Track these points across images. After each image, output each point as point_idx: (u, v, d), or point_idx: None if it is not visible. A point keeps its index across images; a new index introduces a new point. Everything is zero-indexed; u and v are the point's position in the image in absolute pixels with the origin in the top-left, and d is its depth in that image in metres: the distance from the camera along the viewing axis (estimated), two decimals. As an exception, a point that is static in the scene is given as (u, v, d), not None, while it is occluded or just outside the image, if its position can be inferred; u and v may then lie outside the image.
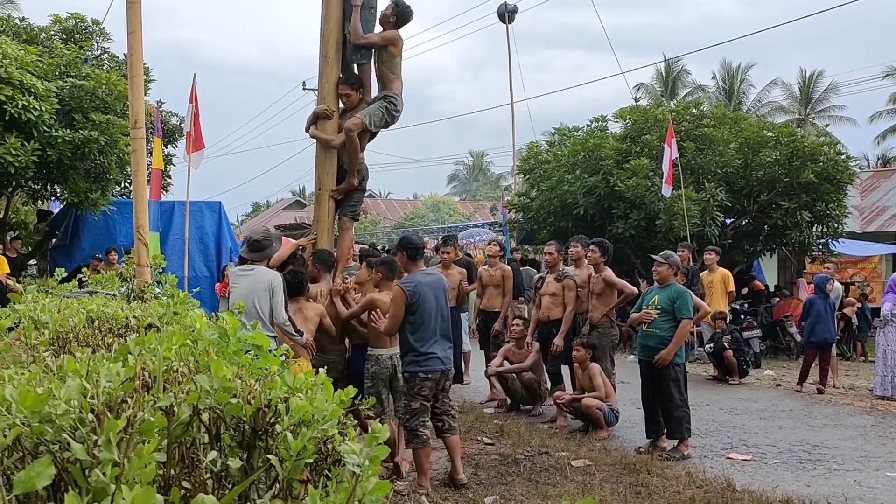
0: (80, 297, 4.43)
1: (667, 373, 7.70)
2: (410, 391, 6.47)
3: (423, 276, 6.63)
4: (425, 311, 6.42)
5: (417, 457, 6.43)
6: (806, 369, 11.96)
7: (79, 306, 3.48)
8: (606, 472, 6.94)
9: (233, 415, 1.69)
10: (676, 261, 8.17)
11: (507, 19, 25.06)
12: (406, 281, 6.54)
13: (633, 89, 43.08)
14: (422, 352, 6.42)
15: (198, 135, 13.81)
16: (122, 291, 5.52)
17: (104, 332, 3.01)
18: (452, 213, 51.81)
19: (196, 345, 2.22)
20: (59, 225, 16.37)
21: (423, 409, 6.44)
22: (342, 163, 7.26)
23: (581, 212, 17.71)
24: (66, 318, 2.94)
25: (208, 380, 1.69)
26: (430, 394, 6.49)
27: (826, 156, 17.12)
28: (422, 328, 6.42)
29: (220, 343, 2.35)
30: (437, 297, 6.55)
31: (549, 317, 9.28)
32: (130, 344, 2.25)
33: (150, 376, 1.91)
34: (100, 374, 1.62)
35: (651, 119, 18.35)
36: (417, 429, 6.37)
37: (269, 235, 7.05)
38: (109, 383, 1.62)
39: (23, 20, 17.12)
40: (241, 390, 1.71)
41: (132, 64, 6.06)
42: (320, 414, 1.69)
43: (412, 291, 6.38)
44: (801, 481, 6.84)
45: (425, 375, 6.43)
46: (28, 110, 12.16)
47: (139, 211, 6.04)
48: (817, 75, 44.19)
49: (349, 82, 7.26)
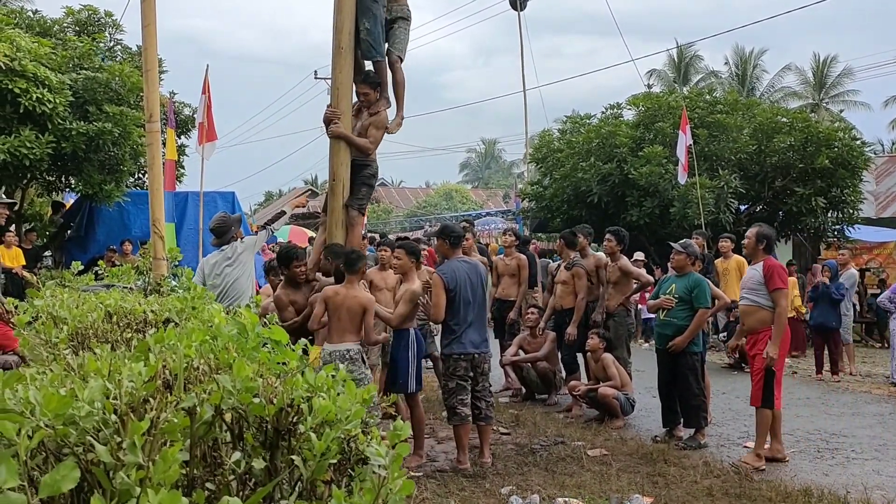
0: (97, 291, 4.44)
1: (684, 361, 7.66)
2: (446, 371, 6.91)
3: (461, 263, 6.97)
4: (462, 296, 6.78)
5: (458, 434, 6.81)
6: (817, 356, 11.97)
7: (97, 301, 3.48)
8: (623, 461, 6.93)
9: (256, 414, 1.68)
10: (695, 250, 8.09)
11: (518, 6, 24.95)
12: (443, 268, 6.92)
13: (646, 76, 42.87)
14: (457, 334, 6.79)
15: (210, 126, 13.82)
16: (138, 285, 5.53)
17: (122, 327, 3.01)
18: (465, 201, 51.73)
19: (216, 341, 2.21)
20: (74, 216, 16.44)
21: (461, 388, 6.79)
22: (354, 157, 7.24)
23: (595, 200, 17.66)
24: (84, 314, 2.94)
25: (230, 379, 1.67)
26: (466, 374, 6.82)
27: (841, 141, 16.98)
28: (458, 312, 6.77)
29: (240, 339, 2.34)
30: (474, 284, 6.90)
31: (562, 305, 9.30)
32: (150, 340, 2.25)
33: (171, 374, 1.90)
34: (122, 374, 1.61)
35: (665, 106, 18.26)
36: (456, 406, 6.76)
37: (226, 220, 7.71)
38: (132, 383, 1.61)
39: (36, 13, 17.18)
40: (263, 389, 1.70)
41: (147, 58, 6.02)
42: (343, 414, 1.68)
43: (450, 278, 6.74)
44: (819, 470, 6.80)
45: (459, 356, 6.80)
46: (42, 103, 12.19)
47: (155, 204, 6.04)
48: (831, 60, 43.80)
49: (368, 81, 7.22)
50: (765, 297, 6.94)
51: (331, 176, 7.22)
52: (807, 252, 21.22)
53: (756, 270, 7.09)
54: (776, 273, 6.92)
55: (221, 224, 7.60)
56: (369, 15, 7.05)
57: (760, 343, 6.95)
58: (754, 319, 7.07)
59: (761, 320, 6.98)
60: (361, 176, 7.17)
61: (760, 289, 6.97)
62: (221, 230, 7.53)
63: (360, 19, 7.06)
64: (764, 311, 6.98)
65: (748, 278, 7.24)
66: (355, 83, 7.26)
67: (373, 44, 7.12)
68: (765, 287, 6.93)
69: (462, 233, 7.37)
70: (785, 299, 6.99)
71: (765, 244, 7.17)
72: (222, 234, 7.50)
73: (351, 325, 6.38)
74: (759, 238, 7.17)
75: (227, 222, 7.64)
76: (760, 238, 7.17)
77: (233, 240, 7.52)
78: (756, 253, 7.23)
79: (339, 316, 6.36)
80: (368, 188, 7.32)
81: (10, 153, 12.00)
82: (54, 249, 16.65)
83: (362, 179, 7.18)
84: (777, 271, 6.95)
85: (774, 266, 7.01)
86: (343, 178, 7.07)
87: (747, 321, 7.19)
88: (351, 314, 6.37)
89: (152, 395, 1.63)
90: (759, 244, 7.18)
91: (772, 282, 6.89)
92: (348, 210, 7.09)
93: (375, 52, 7.19)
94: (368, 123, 7.20)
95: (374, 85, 7.20)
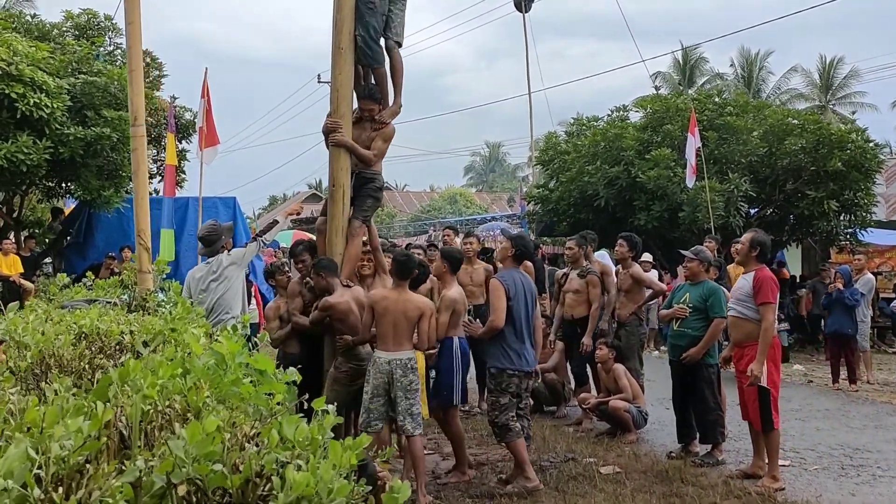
0: (78, 307, 4.15)
1: (699, 374, 7.33)
2: (497, 386, 6.43)
3: (518, 274, 6.65)
4: (518, 309, 6.42)
5: (515, 450, 6.36)
6: (833, 364, 11.68)
7: (71, 320, 3.19)
8: (637, 480, 6.61)
9: (217, 486, 1.38)
10: (707, 256, 7.76)
11: (523, 8, 24.70)
12: (503, 275, 6.58)
13: (651, 78, 42.55)
14: (513, 348, 6.39)
15: (210, 130, 13.54)
16: (123, 299, 5.23)
17: (94, 352, 2.71)
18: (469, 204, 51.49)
19: (187, 377, 1.92)
20: (73, 223, 16.20)
21: (512, 404, 6.42)
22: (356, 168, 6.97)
23: (602, 203, 17.38)
24: (49, 339, 2.64)
25: (184, 442, 1.36)
26: (518, 390, 6.45)
27: (854, 143, 16.65)
28: (514, 325, 6.39)
29: (217, 372, 2.04)
30: (527, 300, 6.55)
31: (573, 315, 8.91)
32: (113, 375, 1.95)
33: (127, 422, 1.60)
34: (55, 435, 1.31)
35: (672, 108, 17.96)
36: (508, 423, 6.35)
37: (216, 228, 7.36)
38: (69, 441, 1.31)
39: (34, 17, 16.95)
40: (230, 448, 1.40)
41: (131, 57, 5.74)
42: (324, 489, 1.36)
43: (510, 286, 6.40)
44: (846, 489, 6.46)
45: (513, 371, 6.40)
46: (40, 107, 11.96)
47: (140, 213, 5.75)
48: (837, 61, 43.36)
49: (371, 97, 6.95)
50: (753, 309, 6.57)
51: (331, 182, 6.94)
52: (816, 256, 20.88)
53: (746, 281, 6.71)
54: (766, 285, 6.52)
55: (211, 232, 7.27)
56: (363, 22, 6.79)
57: (747, 358, 6.59)
58: (741, 332, 6.74)
59: (747, 333, 6.63)
60: (368, 188, 6.90)
61: (749, 301, 6.60)
62: (211, 238, 7.19)
63: (356, 25, 6.80)
64: (751, 323, 6.61)
65: (737, 288, 6.88)
66: (358, 97, 7.00)
67: (368, 51, 6.84)
68: (753, 299, 6.60)
69: (533, 250, 7.13)
70: (772, 314, 6.55)
71: (758, 251, 6.77)
72: (211, 244, 7.16)
73: (407, 331, 6.19)
74: (753, 245, 6.77)
75: (217, 231, 7.31)
76: (754, 245, 6.77)
77: (222, 250, 7.20)
78: (748, 260, 6.84)
79: (394, 322, 6.13)
80: (374, 200, 7.05)
81: (7, 159, 11.78)
82: (54, 256, 16.41)
83: (368, 192, 6.91)
84: (767, 284, 6.55)
85: (765, 278, 6.60)
86: (344, 184, 6.78)
87: (734, 333, 6.87)
88: (408, 319, 6.17)
89: (97, 454, 1.34)
90: (751, 251, 6.78)
91: (760, 294, 6.51)
92: (351, 221, 6.81)
93: (372, 60, 6.92)
94: (375, 135, 6.93)
95: (377, 100, 6.94)
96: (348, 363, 6.41)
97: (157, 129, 16.52)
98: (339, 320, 6.38)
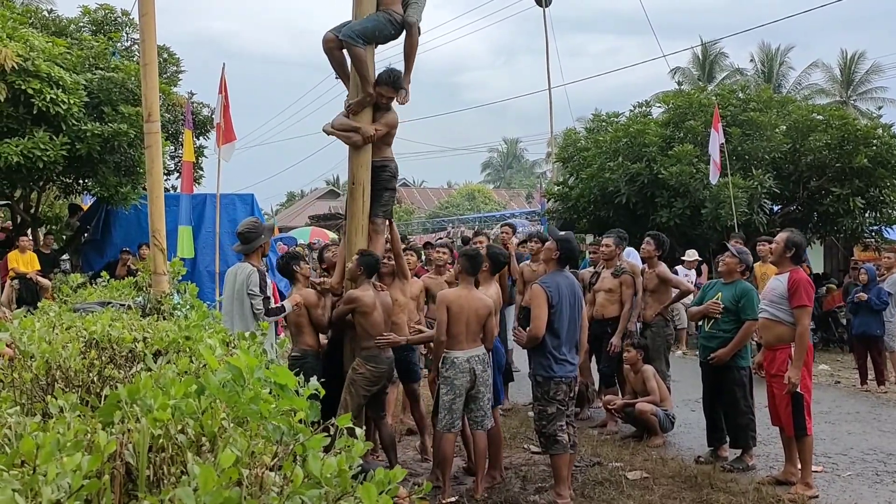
0: (91, 309, 4.01)
1: (731, 376, 7.09)
2: (544, 395, 6.11)
3: (563, 278, 6.24)
4: (563, 315, 6.08)
5: (557, 464, 6.05)
6: (860, 366, 11.43)
7: (81, 326, 3.04)
8: (666, 485, 6.42)
9: (235, 538, 1.21)
10: (749, 259, 7.50)
11: (544, 2, 24.47)
12: (547, 280, 6.18)
13: (670, 74, 42.11)
14: (558, 356, 6.08)
15: (228, 126, 13.40)
16: (138, 302, 5.07)
17: (104, 361, 2.56)
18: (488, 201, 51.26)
19: (201, 398, 1.75)
20: (91, 219, 16.14)
21: (561, 413, 6.08)
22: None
23: (623, 200, 17.12)
24: (56, 349, 2.48)
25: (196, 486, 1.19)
26: (566, 398, 6.14)
27: (879, 139, 16.33)
28: (559, 331, 6.08)
29: (234, 389, 1.88)
30: (573, 303, 6.20)
31: (604, 315, 8.65)
32: (122, 392, 1.79)
33: (135, 451, 1.44)
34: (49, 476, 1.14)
35: (695, 104, 17.67)
36: (556, 434, 6.03)
37: (257, 227, 7.05)
38: (67, 480, 1.15)
39: (51, 12, 16.91)
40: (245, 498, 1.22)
41: (145, 51, 5.56)
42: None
43: (553, 292, 6.06)
44: (882, 497, 6.23)
45: (560, 379, 6.09)
46: (56, 103, 11.88)
47: (155, 213, 5.58)
48: (858, 56, 42.80)
49: (394, 84, 6.73)
50: (786, 311, 6.35)
51: (350, 179, 6.78)
52: (838, 253, 20.55)
53: (780, 282, 6.49)
54: (802, 288, 6.29)
55: (251, 230, 6.89)
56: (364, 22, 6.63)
57: (779, 362, 6.39)
58: (772, 335, 6.53)
59: (779, 336, 6.43)
60: (381, 179, 6.71)
61: (783, 303, 6.38)
62: (249, 236, 6.84)
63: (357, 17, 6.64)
64: (783, 326, 6.40)
65: (770, 289, 6.64)
66: (378, 82, 6.79)
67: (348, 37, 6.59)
68: (787, 301, 6.37)
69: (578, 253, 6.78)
70: (808, 317, 6.35)
71: (793, 252, 6.53)
72: (248, 241, 6.82)
73: (478, 328, 6.20)
74: (789, 245, 6.54)
75: (257, 230, 6.94)
76: (790, 245, 6.54)
77: (258, 250, 6.86)
78: (782, 261, 6.61)
79: (467, 320, 6.14)
80: (391, 192, 6.86)
81: (23, 155, 11.71)
82: (72, 253, 16.35)
83: (382, 184, 6.72)
84: (803, 286, 6.31)
85: (801, 280, 6.36)
86: (363, 181, 6.62)
87: (765, 336, 6.66)
88: (478, 317, 6.18)
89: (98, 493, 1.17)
90: (786, 251, 6.55)
91: (796, 297, 6.29)
92: (372, 218, 6.65)
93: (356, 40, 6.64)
94: (380, 117, 6.77)
95: (397, 89, 6.75)
96: (366, 365, 6.26)
97: (174, 126, 16.42)
98: (363, 314, 6.24)
